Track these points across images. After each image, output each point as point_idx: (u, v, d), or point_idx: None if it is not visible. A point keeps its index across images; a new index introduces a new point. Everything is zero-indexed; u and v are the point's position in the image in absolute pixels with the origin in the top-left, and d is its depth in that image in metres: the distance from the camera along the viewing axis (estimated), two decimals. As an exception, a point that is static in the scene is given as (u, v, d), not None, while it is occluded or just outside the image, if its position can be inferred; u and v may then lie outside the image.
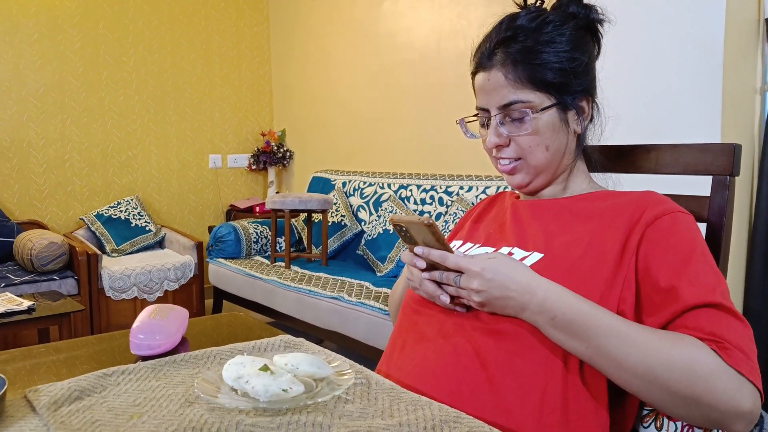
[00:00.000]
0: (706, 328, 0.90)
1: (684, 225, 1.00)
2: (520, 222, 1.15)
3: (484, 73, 1.11)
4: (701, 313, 0.91)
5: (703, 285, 0.93)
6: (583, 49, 1.10)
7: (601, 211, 1.07)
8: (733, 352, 0.87)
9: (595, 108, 1.16)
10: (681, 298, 0.92)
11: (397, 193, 3.99)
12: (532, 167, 1.12)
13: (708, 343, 0.88)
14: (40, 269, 3.84)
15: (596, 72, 1.16)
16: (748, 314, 2.37)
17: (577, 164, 1.18)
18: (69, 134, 4.69)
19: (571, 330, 0.92)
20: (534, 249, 1.07)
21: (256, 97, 5.63)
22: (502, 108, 1.09)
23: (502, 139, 1.10)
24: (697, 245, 0.98)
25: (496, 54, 1.09)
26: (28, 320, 2.90)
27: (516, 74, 1.07)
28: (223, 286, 4.25)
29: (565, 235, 1.06)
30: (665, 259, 0.96)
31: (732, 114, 2.21)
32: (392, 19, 4.34)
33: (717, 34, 2.12)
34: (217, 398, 0.85)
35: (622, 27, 2.35)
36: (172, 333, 1.13)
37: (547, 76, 1.07)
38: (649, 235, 0.99)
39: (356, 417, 0.82)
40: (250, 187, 5.65)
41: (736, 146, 1.13)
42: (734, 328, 0.90)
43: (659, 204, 1.02)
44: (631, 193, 1.08)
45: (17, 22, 4.43)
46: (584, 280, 0.98)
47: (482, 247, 1.17)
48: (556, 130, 1.09)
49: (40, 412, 0.83)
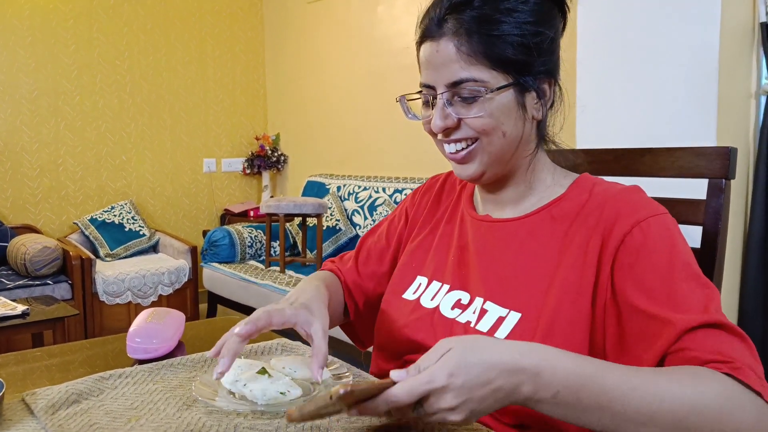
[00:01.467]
0: (709, 348, 0.79)
1: (657, 235, 0.88)
2: (488, 256, 1.01)
3: (432, 44, 0.94)
4: (699, 334, 0.81)
5: (693, 305, 0.83)
6: (550, 23, 0.95)
7: (572, 231, 0.95)
8: (746, 372, 0.77)
9: (557, 92, 1.00)
10: (674, 324, 0.81)
11: (391, 197, 4.00)
12: (488, 153, 0.96)
13: (718, 366, 0.77)
14: (33, 274, 3.83)
15: (560, 51, 1.00)
16: (744, 317, 2.38)
17: (539, 156, 1.03)
18: (63, 138, 4.68)
19: (581, 403, 0.74)
20: (511, 306, 0.94)
21: (250, 101, 5.63)
22: (451, 86, 0.93)
23: (449, 122, 0.95)
24: (677, 256, 0.87)
25: (447, 21, 0.93)
26: (22, 325, 2.89)
27: (470, 47, 0.91)
28: (217, 291, 4.24)
29: (537, 274, 0.94)
30: (644, 285, 0.86)
31: (727, 118, 2.22)
32: (387, 23, 4.34)
33: (712, 39, 2.13)
34: (215, 401, 0.85)
35: (618, 31, 2.36)
36: (169, 337, 1.13)
37: (505, 51, 0.91)
38: (621, 259, 0.88)
39: (353, 419, 0.82)
40: (244, 191, 5.64)
41: (731, 149, 1.14)
42: (737, 346, 0.80)
43: (627, 215, 0.90)
44: (597, 194, 0.96)
45: (11, 25, 4.42)
46: (566, 336, 0.88)
47: (451, 291, 1.03)
48: (511, 115, 0.94)
49: (38, 415, 0.83)
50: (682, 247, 0.88)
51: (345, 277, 1.23)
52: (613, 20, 2.38)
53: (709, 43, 2.15)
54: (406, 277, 1.14)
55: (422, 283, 1.10)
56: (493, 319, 0.94)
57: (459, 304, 1.01)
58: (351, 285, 1.22)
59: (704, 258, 1.14)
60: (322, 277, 1.17)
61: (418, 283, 1.10)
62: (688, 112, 2.21)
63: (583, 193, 0.98)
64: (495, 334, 0.93)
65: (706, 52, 2.15)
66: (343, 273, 1.23)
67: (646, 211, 0.90)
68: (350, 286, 1.22)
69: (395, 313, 1.10)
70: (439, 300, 1.04)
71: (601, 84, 2.39)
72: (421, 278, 1.11)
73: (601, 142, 2.41)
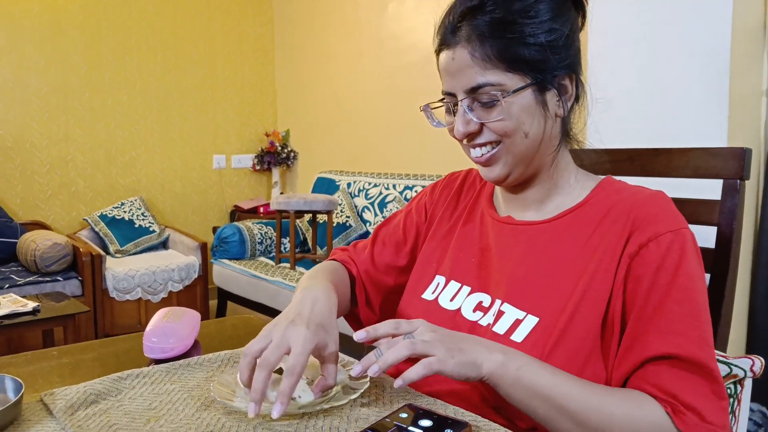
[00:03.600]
0: (665, 386, 0.83)
1: (670, 252, 0.88)
2: (509, 258, 1.02)
3: (448, 52, 0.96)
4: (662, 366, 0.84)
5: (675, 330, 0.84)
6: (563, 19, 0.94)
7: (596, 237, 0.95)
8: (688, 417, 0.81)
9: (579, 86, 1.00)
10: (645, 347, 0.85)
11: (402, 194, 4.00)
12: (511, 155, 0.97)
13: (663, 404, 0.82)
14: (43, 270, 3.85)
15: (579, 45, 1.00)
16: (754, 319, 2.37)
17: (563, 153, 1.03)
18: (72, 135, 4.70)
19: (535, 388, 0.83)
20: (529, 309, 0.95)
21: (259, 98, 5.64)
22: (470, 92, 0.94)
23: (471, 127, 0.96)
24: (680, 277, 0.87)
25: (461, 28, 0.94)
26: (33, 321, 2.90)
27: (483, 52, 0.91)
28: (227, 287, 4.25)
29: (558, 280, 0.95)
30: (641, 301, 0.88)
31: (739, 117, 2.21)
32: (397, 20, 4.34)
33: (724, 38, 2.12)
34: (233, 402, 0.85)
35: (629, 31, 2.35)
36: (185, 336, 1.14)
37: (520, 52, 0.91)
38: (635, 270, 0.89)
39: (372, 420, 0.82)
40: (254, 188, 5.65)
41: (746, 150, 1.13)
42: (699, 388, 0.82)
43: (646, 226, 0.90)
44: (623, 200, 0.96)
45: (20, 23, 4.43)
46: (579, 341, 0.90)
47: (473, 293, 1.04)
48: (533, 114, 0.94)
49: (57, 415, 0.83)
50: (690, 268, 0.88)
51: (358, 267, 1.22)
52: (624, 18, 2.37)
53: (720, 41, 2.14)
54: (425, 276, 1.14)
55: (440, 283, 1.10)
56: (510, 321, 0.95)
57: (480, 306, 1.02)
58: (364, 275, 1.22)
59: (719, 258, 1.14)
60: (331, 270, 1.16)
61: (437, 283, 1.11)
62: (699, 110, 2.20)
63: (608, 198, 0.98)
64: (511, 337, 0.94)
65: (718, 50, 2.15)
66: (356, 263, 1.23)
67: (665, 225, 0.90)
68: (363, 276, 1.22)
69: (414, 313, 1.10)
70: (461, 302, 1.05)
71: (612, 82, 2.39)
72: (439, 278, 1.11)
73: (611, 140, 2.40)
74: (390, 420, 0.77)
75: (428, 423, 0.76)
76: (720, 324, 1.12)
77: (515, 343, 0.92)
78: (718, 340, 1.12)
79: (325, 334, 0.90)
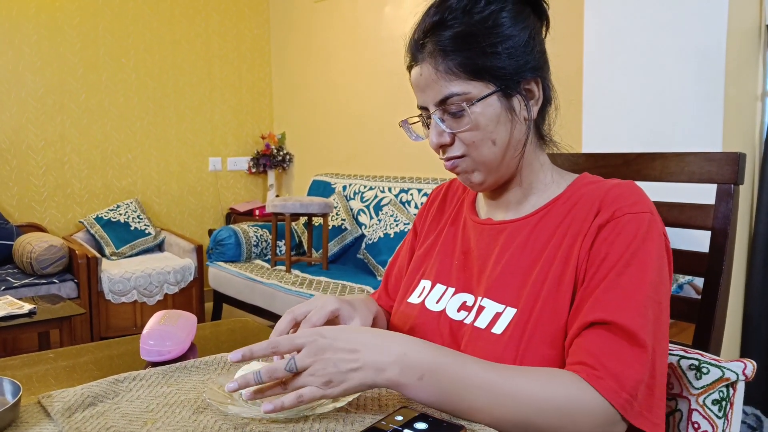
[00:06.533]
0: (590, 349, 0.85)
1: (627, 232, 0.91)
2: (489, 257, 1.04)
3: (417, 68, 1.00)
4: (593, 332, 0.87)
5: (614, 302, 0.87)
6: (522, 25, 0.97)
7: (564, 225, 0.98)
8: (605, 382, 0.82)
9: (548, 89, 1.02)
10: (586, 314, 0.88)
11: (397, 197, 4.00)
12: (480, 164, 1.00)
13: (583, 368, 0.84)
14: (39, 272, 3.84)
15: (544, 48, 1.02)
16: (748, 321, 2.39)
17: (537, 155, 1.05)
18: (68, 136, 4.69)
19: (440, 387, 0.81)
20: (507, 302, 0.97)
21: (256, 100, 5.64)
22: (439, 104, 0.97)
23: (444, 138, 0.99)
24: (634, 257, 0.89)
25: (426, 45, 0.98)
26: (29, 324, 2.90)
27: (446, 65, 0.95)
28: (223, 290, 4.25)
29: (533, 271, 0.97)
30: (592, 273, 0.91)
31: (734, 121, 2.23)
32: (394, 23, 4.35)
33: (719, 42, 2.14)
34: (227, 407, 0.85)
35: (624, 35, 2.36)
36: (182, 339, 1.14)
37: (480, 62, 0.94)
38: (594, 246, 0.93)
39: (367, 423, 0.82)
40: (249, 191, 5.66)
41: (740, 155, 1.14)
42: (622, 355, 0.84)
43: (608, 207, 0.94)
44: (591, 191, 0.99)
45: (17, 23, 4.43)
46: (552, 323, 0.92)
47: (457, 294, 1.07)
48: (500, 121, 0.97)
49: (55, 418, 0.84)
50: (646, 250, 0.90)
51: (381, 304, 1.25)
52: (619, 22, 2.38)
53: (715, 45, 2.15)
54: (412, 282, 1.17)
55: (426, 287, 1.13)
56: (491, 316, 0.98)
57: (464, 306, 1.05)
58: None
59: (713, 263, 1.15)
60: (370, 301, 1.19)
61: (423, 287, 1.14)
62: (694, 114, 2.22)
63: (579, 190, 1.01)
64: (492, 329, 0.96)
65: (713, 54, 2.16)
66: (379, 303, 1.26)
67: (627, 207, 0.93)
68: None
69: (402, 317, 1.13)
70: (445, 303, 1.07)
71: (607, 86, 2.40)
72: (425, 281, 1.14)
73: (607, 144, 2.41)
74: (386, 423, 0.77)
75: (423, 426, 0.76)
76: (714, 328, 1.13)
77: (496, 335, 0.95)
78: (712, 343, 1.13)
79: (351, 309, 1.03)
